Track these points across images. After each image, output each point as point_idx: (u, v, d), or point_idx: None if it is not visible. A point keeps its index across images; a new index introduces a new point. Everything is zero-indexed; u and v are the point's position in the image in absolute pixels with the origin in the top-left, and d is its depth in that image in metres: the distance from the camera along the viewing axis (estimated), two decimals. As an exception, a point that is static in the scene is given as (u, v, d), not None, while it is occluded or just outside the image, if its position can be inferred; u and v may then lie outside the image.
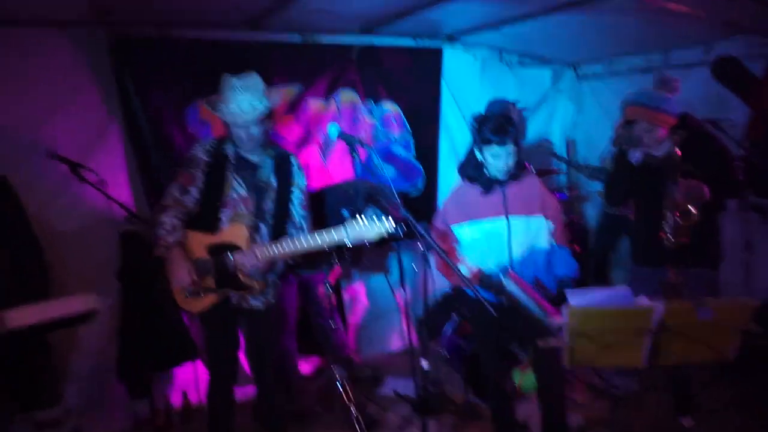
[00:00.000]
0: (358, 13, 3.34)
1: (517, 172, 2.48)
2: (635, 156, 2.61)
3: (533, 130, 4.86)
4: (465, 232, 2.50)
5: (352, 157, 4.03)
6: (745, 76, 3.42)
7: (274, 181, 2.60)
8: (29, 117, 2.96)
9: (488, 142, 2.38)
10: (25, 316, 2.14)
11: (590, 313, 1.81)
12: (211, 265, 2.49)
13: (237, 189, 2.54)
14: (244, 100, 2.46)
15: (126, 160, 3.28)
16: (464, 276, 2.12)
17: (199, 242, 2.51)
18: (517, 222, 2.46)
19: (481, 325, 2.64)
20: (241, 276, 2.49)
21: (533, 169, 2.66)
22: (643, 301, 1.83)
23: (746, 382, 3.04)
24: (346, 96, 3.97)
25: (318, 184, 3.77)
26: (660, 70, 3.60)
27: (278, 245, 2.42)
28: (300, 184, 2.67)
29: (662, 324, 1.79)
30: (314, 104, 3.84)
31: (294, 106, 3.75)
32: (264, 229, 2.57)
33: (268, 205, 2.58)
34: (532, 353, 2.60)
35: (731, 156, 2.72)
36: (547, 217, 2.50)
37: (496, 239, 2.46)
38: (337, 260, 3.21)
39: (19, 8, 2.75)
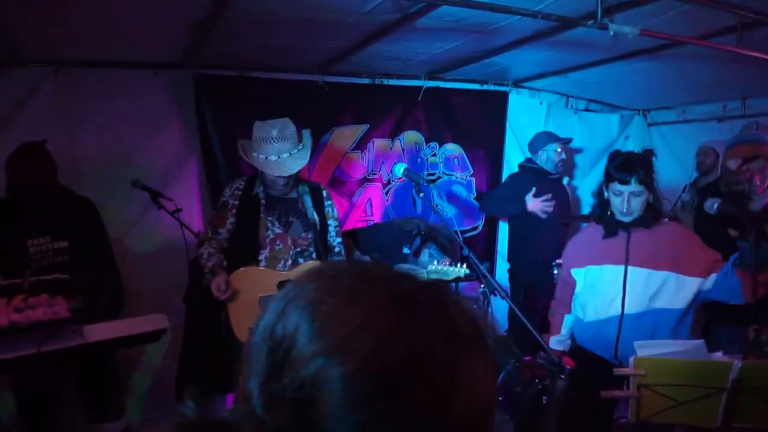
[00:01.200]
0: (424, 59, 3.45)
1: (647, 219, 2.25)
2: (712, 206, 2.49)
3: (598, 175, 4.76)
4: (580, 277, 2.38)
5: (415, 195, 4.13)
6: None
7: (313, 214, 2.69)
8: (120, 149, 3.23)
9: (611, 179, 2.24)
10: (102, 331, 2.28)
11: (660, 364, 1.72)
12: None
13: (272, 228, 2.64)
14: (283, 150, 2.56)
15: (200, 189, 3.49)
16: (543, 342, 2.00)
17: (271, 278, 2.59)
18: (637, 274, 2.23)
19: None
20: None
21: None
22: (719, 356, 1.73)
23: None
24: (411, 136, 4.07)
25: (379, 219, 3.85)
26: (753, 119, 3.50)
27: None
28: (333, 214, 2.78)
29: (740, 382, 1.68)
30: (379, 143, 3.95)
31: (360, 145, 3.88)
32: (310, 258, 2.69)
33: (310, 234, 2.67)
34: None
35: None
36: (686, 274, 2.19)
37: (611, 289, 2.27)
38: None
39: (119, 52, 3.05)
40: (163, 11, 2.41)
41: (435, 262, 2.63)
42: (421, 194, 2.58)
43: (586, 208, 4.44)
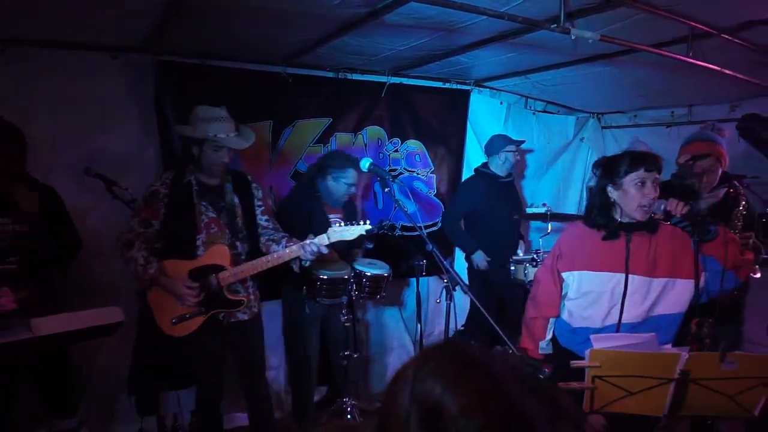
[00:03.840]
0: (389, 55, 3.46)
1: (650, 223, 2.16)
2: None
3: (554, 176, 4.92)
4: (573, 281, 2.25)
5: (378, 190, 4.15)
6: (770, 134, 3.46)
7: (237, 200, 2.78)
8: (74, 134, 3.09)
9: (633, 169, 2.10)
10: (52, 324, 2.18)
11: (613, 356, 1.80)
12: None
13: (206, 213, 2.69)
14: (229, 130, 2.65)
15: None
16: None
17: (181, 269, 2.62)
18: (638, 283, 2.14)
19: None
20: (228, 294, 2.58)
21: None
22: (668, 348, 1.83)
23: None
24: (374, 132, 4.08)
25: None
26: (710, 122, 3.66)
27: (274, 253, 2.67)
28: (258, 195, 2.89)
29: (686, 373, 1.78)
30: (342, 137, 3.94)
31: (322, 138, 3.86)
32: (240, 245, 2.76)
33: (238, 222, 2.76)
34: None
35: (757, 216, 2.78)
36: (682, 277, 2.13)
37: (608, 298, 2.17)
38: (356, 291, 3.23)
39: (78, 33, 2.92)
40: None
41: (336, 224, 2.71)
42: (386, 189, 2.60)
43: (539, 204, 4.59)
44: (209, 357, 2.76)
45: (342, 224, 2.67)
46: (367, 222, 2.65)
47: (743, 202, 2.72)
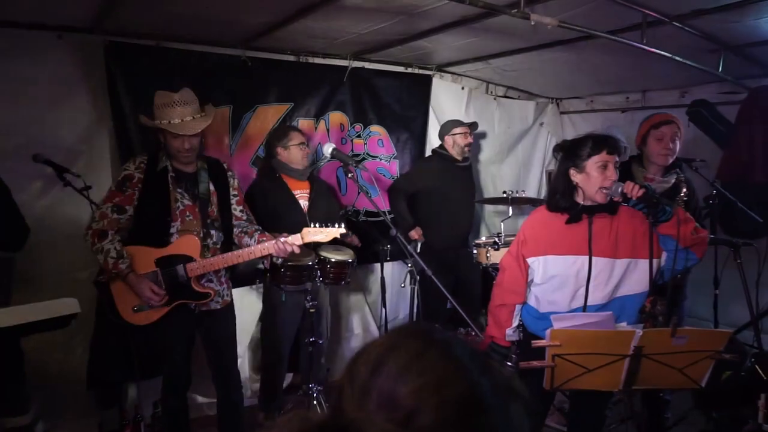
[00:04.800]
0: (351, 39, 3.43)
1: (611, 205, 2.20)
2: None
3: (515, 160, 5.01)
4: (538, 266, 2.27)
5: (341, 175, 4.14)
6: (718, 119, 3.61)
7: (213, 189, 2.73)
8: (19, 118, 2.94)
9: (595, 152, 2.15)
10: (2, 317, 2.10)
11: (572, 335, 1.87)
12: (160, 277, 2.53)
13: (182, 200, 2.63)
14: (185, 114, 2.57)
15: (112, 166, 3.27)
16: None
17: (147, 256, 2.56)
18: (601, 265, 2.18)
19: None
20: (195, 286, 2.54)
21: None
22: (624, 326, 1.90)
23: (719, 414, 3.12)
24: (336, 117, 4.04)
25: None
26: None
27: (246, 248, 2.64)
28: (234, 184, 2.85)
29: (640, 348, 1.86)
30: (304, 123, 3.89)
31: (284, 123, 3.80)
32: (215, 234, 2.71)
33: (213, 211, 2.71)
34: None
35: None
36: (643, 257, 2.18)
37: (573, 281, 2.20)
38: (320, 277, 3.22)
39: (21, 11, 2.76)
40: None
41: (313, 225, 2.69)
42: (349, 175, 2.60)
43: (498, 191, 4.67)
44: (177, 345, 2.70)
45: (317, 225, 2.67)
46: (342, 225, 2.66)
47: (684, 189, 2.85)
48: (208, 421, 3.30)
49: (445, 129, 4.07)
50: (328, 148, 2.65)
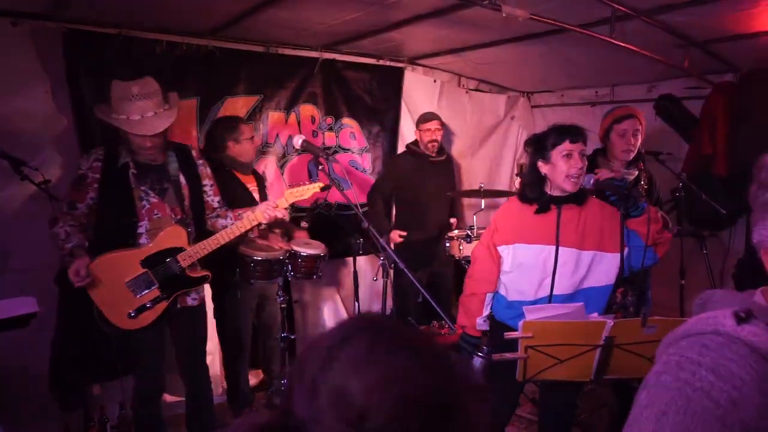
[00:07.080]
0: (321, 30, 3.37)
1: (579, 195, 2.24)
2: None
3: (486, 153, 5.03)
4: (507, 255, 2.30)
5: (312, 168, 4.09)
6: (683, 113, 3.69)
7: (182, 178, 2.61)
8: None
9: (559, 142, 2.19)
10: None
11: (544, 326, 1.87)
12: (151, 277, 2.43)
13: (146, 198, 2.50)
14: (146, 108, 2.41)
15: (72, 158, 3.14)
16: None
17: (130, 260, 2.46)
18: (567, 255, 2.21)
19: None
20: (191, 273, 2.51)
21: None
22: (595, 317, 1.92)
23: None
24: (307, 109, 3.98)
25: (276, 194, 3.74)
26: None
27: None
28: (207, 173, 2.74)
29: (611, 339, 1.87)
30: (274, 115, 3.82)
31: (254, 116, 3.73)
32: (188, 228, 2.61)
33: (185, 204, 2.61)
34: None
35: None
36: (609, 251, 2.21)
37: (540, 270, 2.23)
38: (291, 271, 3.17)
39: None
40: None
41: (288, 187, 2.74)
42: (320, 167, 2.56)
43: (471, 184, 4.68)
44: (155, 347, 2.60)
45: (294, 187, 2.68)
46: (318, 181, 2.68)
47: (642, 182, 2.93)
48: (176, 420, 3.22)
49: (416, 123, 4.04)
50: (297, 140, 2.59)
